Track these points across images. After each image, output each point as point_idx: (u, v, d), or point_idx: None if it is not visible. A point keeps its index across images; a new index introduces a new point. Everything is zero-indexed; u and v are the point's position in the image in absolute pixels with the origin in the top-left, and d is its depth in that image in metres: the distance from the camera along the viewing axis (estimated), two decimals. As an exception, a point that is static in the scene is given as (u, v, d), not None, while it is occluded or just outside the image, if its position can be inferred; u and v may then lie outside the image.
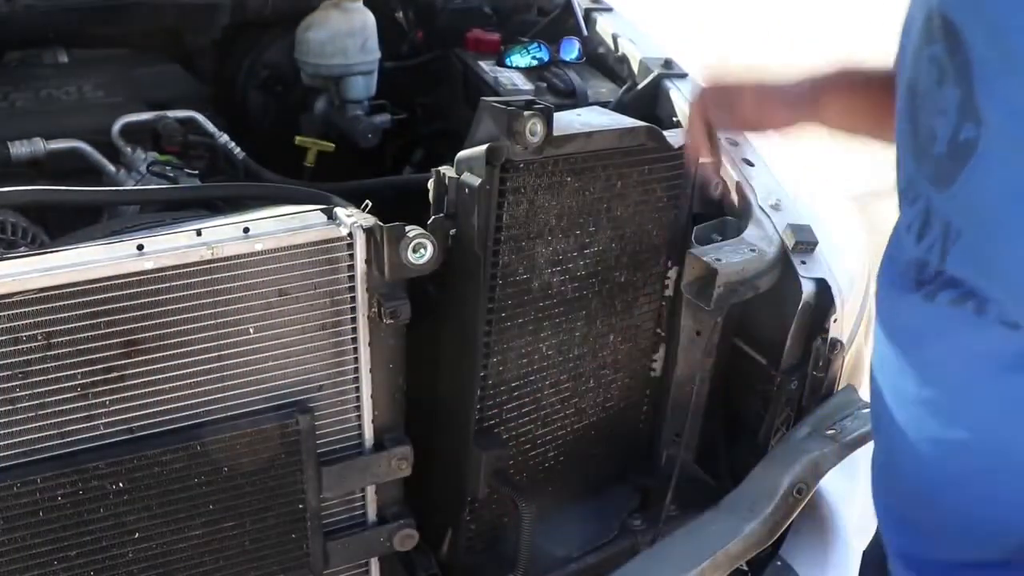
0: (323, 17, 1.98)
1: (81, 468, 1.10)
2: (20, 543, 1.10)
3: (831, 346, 1.47)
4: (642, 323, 1.55)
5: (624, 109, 1.69)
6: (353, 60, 1.98)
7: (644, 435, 1.67)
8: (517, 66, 2.00)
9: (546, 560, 1.48)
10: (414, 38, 2.26)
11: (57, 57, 1.89)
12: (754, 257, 1.42)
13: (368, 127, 1.96)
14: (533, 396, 1.45)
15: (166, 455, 1.15)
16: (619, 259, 1.45)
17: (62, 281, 1.03)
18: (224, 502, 1.21)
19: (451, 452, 1.42)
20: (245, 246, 1.11)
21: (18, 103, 1.71)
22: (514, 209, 1.27)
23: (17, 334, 1.03)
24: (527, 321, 1.37)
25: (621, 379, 1.57)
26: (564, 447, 1.54)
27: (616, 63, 2.00)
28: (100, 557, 1.16)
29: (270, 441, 1.20)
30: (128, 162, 1.63)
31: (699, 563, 1.33)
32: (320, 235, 1.16)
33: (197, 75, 2.05)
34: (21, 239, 1.38)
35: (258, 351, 1.18)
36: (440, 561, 1.49)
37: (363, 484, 1.32)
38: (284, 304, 1.17)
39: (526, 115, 1.19)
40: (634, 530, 1.56)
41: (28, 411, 1.07)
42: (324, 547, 1.31)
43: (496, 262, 1.29)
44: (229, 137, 1.74)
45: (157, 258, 1.07)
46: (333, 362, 1.23)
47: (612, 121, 1.40)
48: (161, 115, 1.69)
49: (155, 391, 1.13)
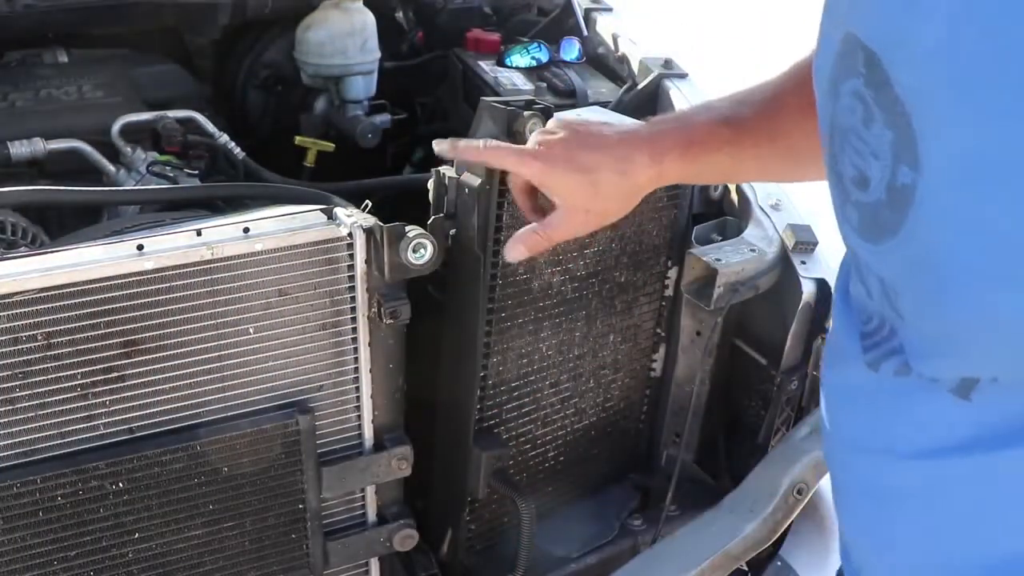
0: (323, 17, 1.98)
1: (81, 468, 1.10)
2: (20, 543, 1.10)
3: (831, 346, 1.47)
4: (642, 323, 1.55)
5: (624, 109, 1.69)
6: (353, 60, 1.98)
7: (644, 435, 1.67)
8: (517, 66, 2.00)
9: (546, 560, 1.48)
10: (414, 38, 2.26)
11: (57, 57, 1.89)
12: (754, 257, 1.42)
13: (368, 127, 1.97)
14: (533, 396, 1.45)
15: (166, 455, 1.15)
16: (619, 259, 1.45)
17: (62, 281, 1.03)
18: (224, 502, 1.21)
19: (451, 452, 1.42)
20: (245, 246, 1.11)
21: (18, 103, 1.71)
22: (514, 209, 1.27)
23: (17, 334, 1.03)
24: (527, 321, 1.37)
25: (621, 379, 1.57)
26: (564, 447, 1.54)
27: (616, 63, 2.00)
28: (100, 557, 1.16)
29: (270, 441, 1.20)
30: (128, 162, 1.63)
31: (699, 563, 1.33)
32: (320, 235, 1.16)
33: (197, 75, 2.05)
34: (21, 239, 1.38)
35: (258, 351, 1.18)
36: (440, 561, 1.49)
37: (363, 484, 1.32)
38: (284, 304, 1.17)
39: (526, 115, 1.20)
40: (634, 530, 1.56)
41: (28, 411, 1.07)
42: (324, 547, 1.31)
43: (496, 262, 1.29)
44: (229, 137, 1.74)
45: (157, 258, 1.07)
46: (333, 362, 1.23)
47: (612, 121, 1.40)
48: (161, 115, 1.69)
49: (155, 391, 1.13)
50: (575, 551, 1.52)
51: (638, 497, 1.65)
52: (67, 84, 1.77)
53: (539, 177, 1.03)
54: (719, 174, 1.14)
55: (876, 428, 0.73)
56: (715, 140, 1.01)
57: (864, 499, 0.77)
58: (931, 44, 0.57)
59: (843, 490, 0.81)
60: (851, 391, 0.78)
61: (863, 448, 0.75)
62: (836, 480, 0.83)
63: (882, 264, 0.68)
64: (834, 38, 0.69)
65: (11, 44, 1.89)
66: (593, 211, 1.03)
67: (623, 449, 1.65)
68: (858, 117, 0.65)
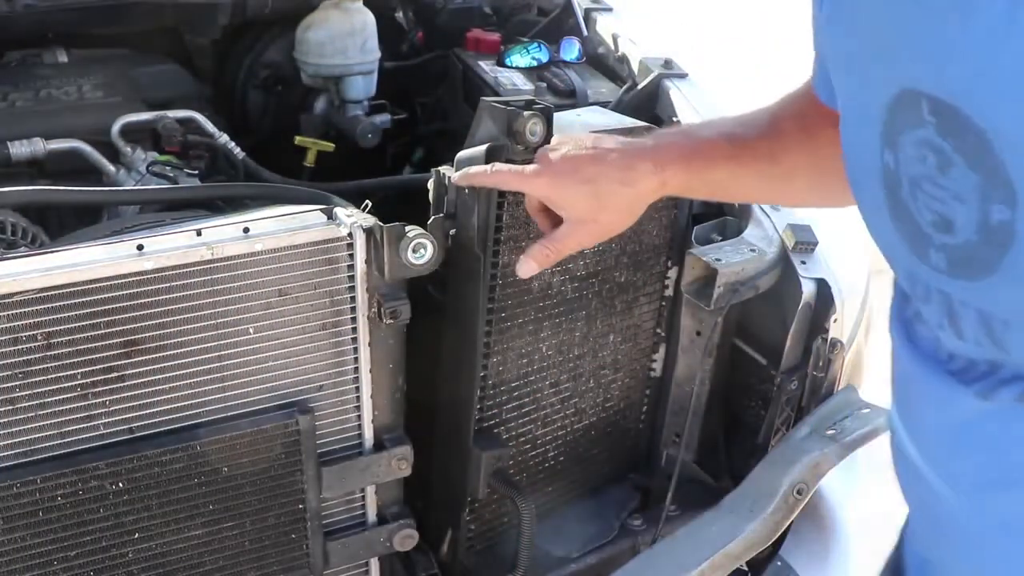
0: (323, 17, 1.98)
1: (81, 468, 1.10)
2: (20, 543, 1.10)
3: (831, 346, 1.47)
4: (642, 323, 1.55)
5: (624, 109, 1.69)
6: (353, 60, 1.98)
7: (644, 435, 1.67)
8: (517, 66, 2.00)
9: (546, 560, 1.48)
10: (414, 38, 2.26)
11: (57, 57, 1.89)
12: (754, 257, 1.42)
13: (368, 127, 1.96)
14: (533, 396, 1.45)
15: (166, 455, 1.15)
16: (619, 259, 1.45)
17: (62, 281, 1.03)
18: (224, 502, 1.21)
19: (451, 452, 1.42)
20: (245, 246, 1.11)
21: (18, 103, 1.71)
22: (514, 209, 1.27)
23: (17, 334, 1.03)
24: (527, 321, 1.37)
25: (621, 379, 1.57)
26: (564, 447, 1.54)
27: (616, 63, 2.00)
28: (100, 557, 1.16)
29: (270, 441, 1.20)
30: (128, 162, 1.63)
31: (699, 563, 1.33)
32: (320, 235, 1.16)
33: (197, 75, 2.05)
34: (21, 239, 1.38)
35: (258, 351, 1.18)
36: (440, 561, 1.49)
37: (363, 484, 1.32)
38: (284, 304, 1.17)
39: (526, 115, 1.19)
40: (634, 530, 1.56)
41: (28, 411, 1.07)
42: (324, 547, 1.31)
43: (496, 262, 1.28)
44: (229, 137, 1.74)
45: (157, 258, 1.07)
46: (333, 362, 1.23)
47: (612, 121, 1.40)
48: (161, 115, 1.69)
49: (155, 391, 1.13)
50: (575, 551, 1.52)
51: (638, 497, 1.65)
52: (67, 84, 1.77)
53: (544, 192, 1.04)
54: (720, 189, 1.15)
55: (1012, 459, 0.72)
56: (717, 154, 1.02)
57: (1008, 538, 0.74)
58: (1019, 86, 0.59)
59: (969, 533, 0.78)
60: (966, 428, 0.75)
61: (1000, 483, 0.73)
62: (953, 526, 0.80)
63: (983, 299, 0.68)
64: (877, 97, 0.70)
65: (11, 44, 1.89)
66: (599, 222, 1.04)
67: (623, 449, 1.65)
68: (931, 165, 0.66)
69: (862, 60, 0.74)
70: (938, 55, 0.64)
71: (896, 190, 0.71)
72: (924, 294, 0.74)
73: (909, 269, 0.74)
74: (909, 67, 0.67)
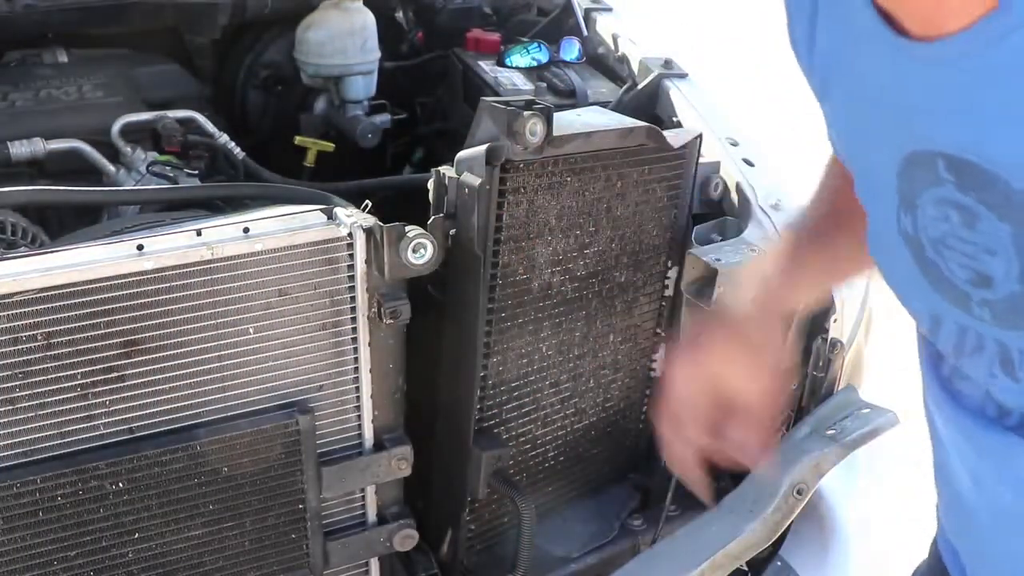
0: (323, 17, 1.98)
1: (81, 468, 1.10)
2: (20, 543, 1.10)
3: (831, 346, 1.47)
4: (642, 323, 1.55)
5: (624, 109, 1.69)
6: (353, 60, 1.99)
7: (644, 435, 1.67)
8: (517, 66, 2.00)
9: (546, 560, 1.48)
10: (414, 38, 2.26)
11: (57, 57, 1.89)
12: (754, 257, 1.42)
13: (368, 127, 1.97)
14: (533, 396, 1.45)
15: (166, 455, 1.15)
16: (619, 259, 1.45)
17: (62, 281, 1.03)
18: (224, 502, 1.21)
19: (451, 452, 1.42)
20: (245, 246, 1.11)
21: (18, 103, 1.71)
22: (514, 209, 1.27)
23: (17, 334, 1.03)
24: (527, 321, 1.37)
25: (621, 379, 1.57)
26: (564, 447, 1.54)
27: (616, 63, 2.00)
28: (100, 557, 1.16)
29: (270, 441, 1.20)
30: (128, 162, 1.63)
31: (699, 563, 1.33)
32: (320, 235, 1.16)
33: (197, 75, 2.05)
34: (21, 239, 1.38)
35: (258, 351, 1.18)
36: (440, 561, 1.49)
37: (363, 484, 1.32)
38: (284, 304, 1.17)
39: (526, 115, 1.19)
40: (634, 530, 1.56)
41: (28, 411, 1.07)
42: (324, 547, 1.31)
43: (496, 262, 1.28)
44: (229, 137, 1.74)
45: (157, 258, 1.07)
46: (333, 362, 1.23)
47: (612, 121, 1.40)
48: (161, 115, 1.69)
49: (155, 391, 1.13)
50: (575, 551, 1.52)
51: (638, 497, 1.65)
52: (67, 84, 1.77)
53: None
54: (831, 279, 1.18)
55: None
56: (814, 266, 1.03)
57: None
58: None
59: None
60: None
61: None
62: None
63: None
64: (885, 162, 0.69)
65: (11, 44, 1.90)
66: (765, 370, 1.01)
67: (623, 449, 1.65)
68: (954, 222, 0.66)
69: (862, 129, 0.74)
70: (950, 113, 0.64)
71: (920, 252, 0.71)
72: (976, 347, 0.72)
73: (962, 324, 0.73)
74: (914, 133, 0.67)
